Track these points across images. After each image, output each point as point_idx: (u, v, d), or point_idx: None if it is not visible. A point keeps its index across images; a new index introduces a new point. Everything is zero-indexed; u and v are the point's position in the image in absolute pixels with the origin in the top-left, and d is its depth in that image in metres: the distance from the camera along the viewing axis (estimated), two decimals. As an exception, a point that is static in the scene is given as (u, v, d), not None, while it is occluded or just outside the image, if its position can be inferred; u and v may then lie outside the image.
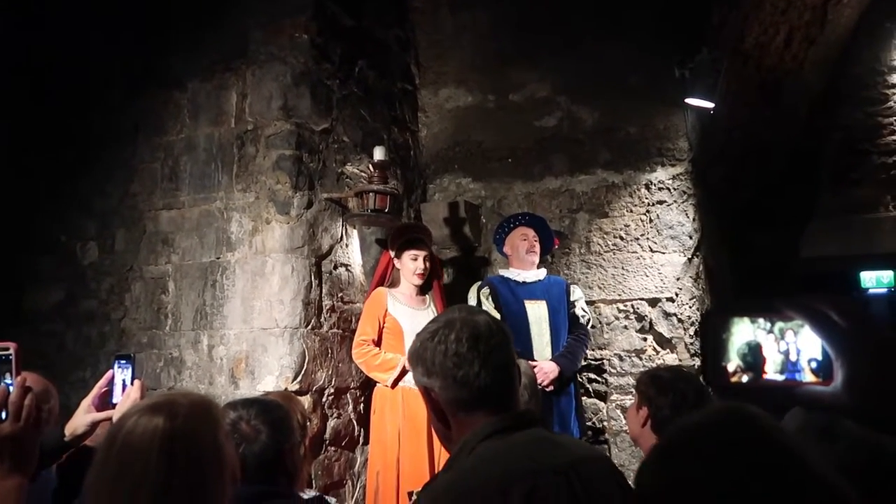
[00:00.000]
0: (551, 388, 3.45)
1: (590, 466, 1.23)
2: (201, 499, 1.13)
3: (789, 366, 0.73)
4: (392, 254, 3.66)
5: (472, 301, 3.77)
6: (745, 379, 0.74)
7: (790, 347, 0.73)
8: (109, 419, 1.64)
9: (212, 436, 1.17)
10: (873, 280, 6.39)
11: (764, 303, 0.75)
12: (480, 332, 1.28)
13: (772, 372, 0.74)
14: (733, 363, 0.75)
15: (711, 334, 0.75)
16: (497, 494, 1.11)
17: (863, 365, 0.68)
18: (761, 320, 0.75)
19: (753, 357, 0.75)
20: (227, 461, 1.18)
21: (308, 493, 2.10)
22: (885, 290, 6.37)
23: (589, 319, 3.76)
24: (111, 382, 1.73)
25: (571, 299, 3.72)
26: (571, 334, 3.69)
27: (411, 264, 3.59)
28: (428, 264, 3.64)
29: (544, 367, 3.45)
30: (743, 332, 0.75)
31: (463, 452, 1.23)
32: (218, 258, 3.63)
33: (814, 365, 0.72)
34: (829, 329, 0.70)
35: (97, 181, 4.03)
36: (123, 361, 1.75)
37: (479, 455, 1.21)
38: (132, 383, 1.71)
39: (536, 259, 3.74)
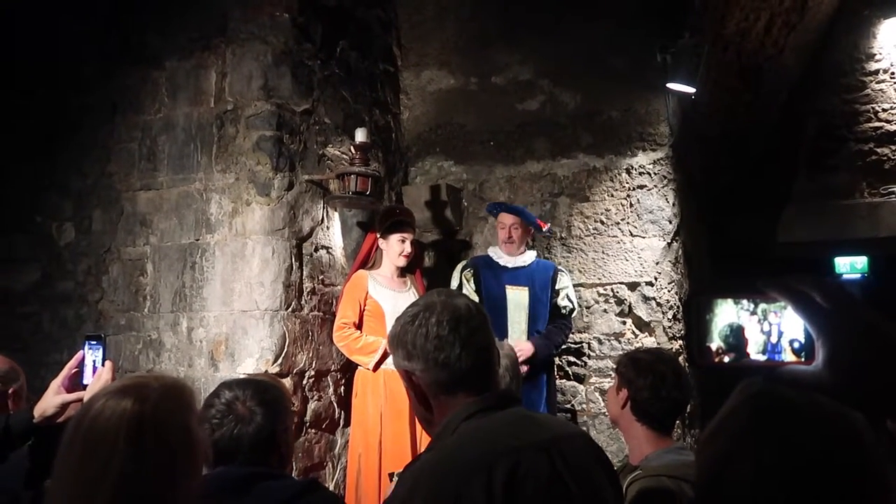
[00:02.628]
0: (525, 368, 3.47)
1: (570, 443, 1.25)
2: (170, 485, 1.11)
3: (770, 346, 0.74)
4: (378, 234, 3.66)
5: (454, 280, 3.78)
6: (728, 359, 0.76)
7: (772, 328, 0.75)
8: (80, 400, 1.62)
9: (183, 421, 1.15)
10: (847, 265, 6.49)
11: (747, 284, 0.76)
12: (461, 315, 1.29)
13: (754, 352, 0.75)
14: (716, 344, 0.76)
15: (695, 315, 0.76)
16: (480, 472, 1.12)
17: (843, 345, 0.69)
18: (745, 301, 0.76)
19: (735, 338, 0.76)
20: (199, 447, 1.17)
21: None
22: (859, 275, 6.47)
23: (573, 309, 3.77)
24: (82, 364, 1.72)
25: (557, 287, 3.73)
26: (552, 323, 3.71)
27: (398, 246, 3.59)
28: (413, 248, 3.66)
29: (520, 345, 3.48)
30: (726, 313, 0.76)
31: (445, 433, 1.25)
32: (197, 240, 3.59)
33: (796, 345, 0.73)
34: (811, 309, 0.71)
35: (73, 160, 3.96)
36: (94, 342, 1.73)
37: (461, 434, 1.22)
38: (103, 364, 1.69)
39: (514, 248, 3.74)
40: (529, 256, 3.79)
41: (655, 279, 4.08)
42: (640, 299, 4.09)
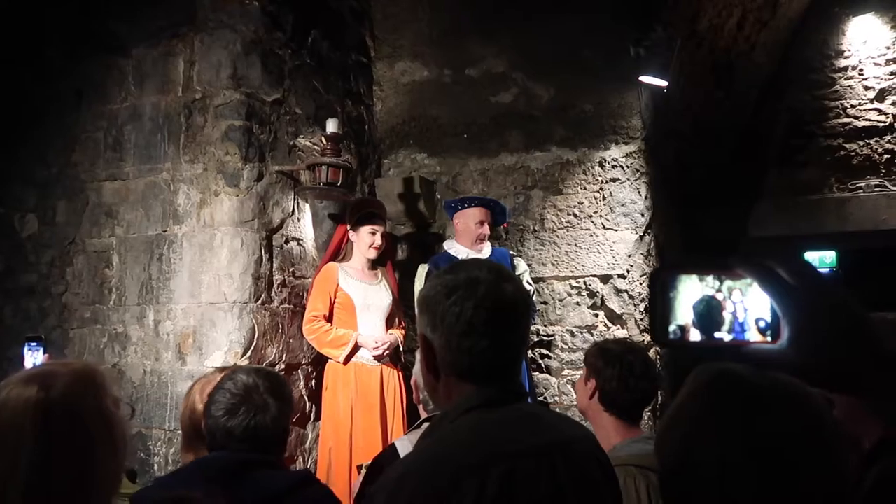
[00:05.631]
0: None
1: (576, 447, 1.17)
2: (91, 470, 1.09)
3: (736, 325, 0.73)
4: (348, 226, 3.63)
5: (418, 285, 3.72)
6: (692, 338, 0.74)
7: (738, 307, 0.73)
8: None
9: (97, 404, 1.13)
10: (816, 260, 6.58)
11: (713, 260, 0.74)
12: (503, 305, 1.16)
13: (718, 331, 0.74)
14: (681, 321, 0.74)
15: (659, 291, 0.74)
16: (473, 475, 1.05)
17: (808, 322, 0.68)
18: (710, 278, 0.74)
19: (712, 315, 0.73)
20: (117, 429, 1.15)
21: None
22: (828, 269, 6.57)
23: (532, 292, 3.80)
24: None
25: (517, 273, 3.73)
26: None
27: (368, 238, 3.56)
28: (383, 240, 3.63)
29: None
30: (690, 289, 0.74)
31: (443, 422, 1.18)
32: (164, 231, 3.53)
33: (761, 324, 0.72)
34: (777, 286, 0.70)
35: (36, 150, 3.88)
36: (34, 343, 1.70)
37: (458, 428, 1.14)
38: None
39: (484, 248, 3.73)
40: (488, 248, 3.77)
41: (628, 272, 4.10)
42: (613, 292, 4.10)
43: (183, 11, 3.61)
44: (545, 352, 4.18)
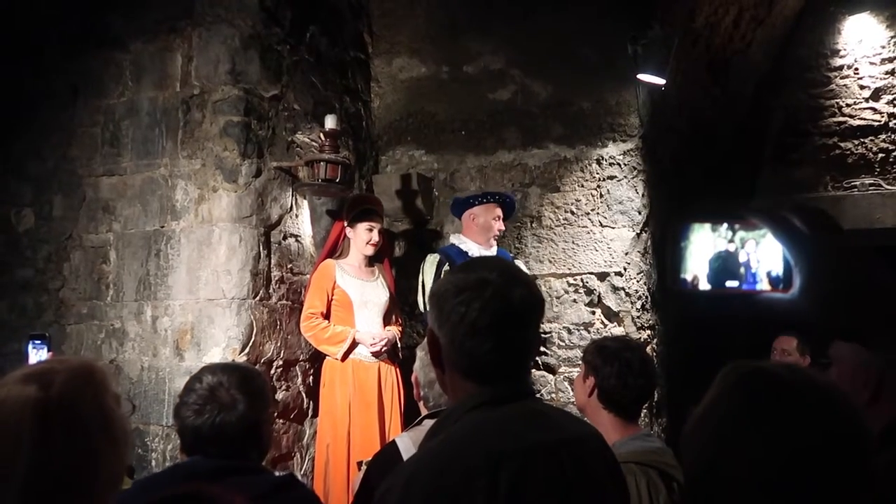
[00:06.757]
0: None
1: (583, 445, 1.17)
2: (92, 469, 1.07)
3: (749, 276, 0.73)
4: (345, 223, 3.63)
5: (428, 274, 3.67)
6: (703, 287, 0.74)
7: (750, 258, 0.73)
8: None
9: (96, 401, 1.10)
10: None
11: (727, 210, 0.74)
12: (509, 310, 1.15)
13: (730, 281, 0.74)
14: (693, 271, 0.74)
15: (672, 240, 0.74)
16: (484, 474, 1.05)
17: (820, 269, 0.68)
18: (723, 228, 0.74)
19: (726, 268, 0.74)
20: (117, 424, 1.12)
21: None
22: (822, 267, 6.60)
23: None
24: None
25: None
26: None
27: (365, 235, 3.57)
28: (381, 237, 3.63)
29: None
30: (703, 240, 0.74)
31: (448, 421, 1.17)
32: (162, 227, 3.52)
33: (773, 275, 0.72)
34: (791, 234, 0.70)
35: (32, 144, 3.85)
36: (38, 342, 1.68)
37: (464, 426, 1.13)
38: None
39: (494, 245, 3.74)
40: (495, 248, 3.76)
41: (624, 269, 4.11)
42: (610, 289, 4.11)
43: (180, 6, 3.59)
44: (542, 349, 4.19)
